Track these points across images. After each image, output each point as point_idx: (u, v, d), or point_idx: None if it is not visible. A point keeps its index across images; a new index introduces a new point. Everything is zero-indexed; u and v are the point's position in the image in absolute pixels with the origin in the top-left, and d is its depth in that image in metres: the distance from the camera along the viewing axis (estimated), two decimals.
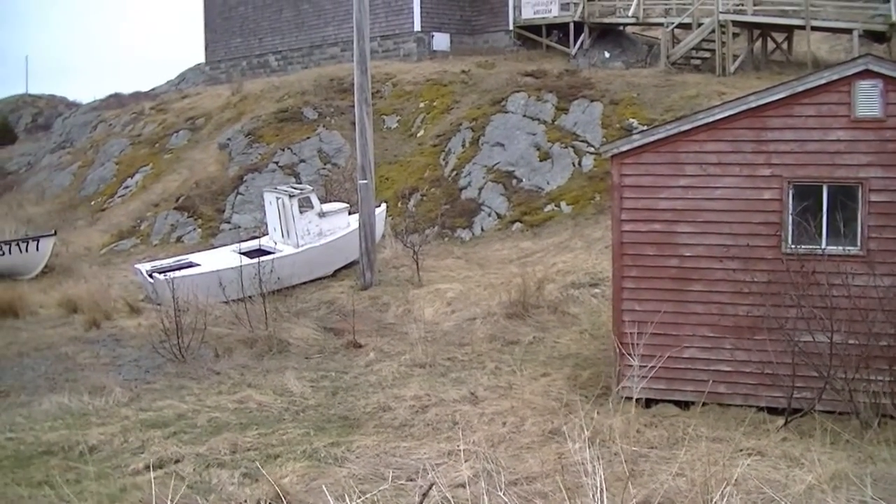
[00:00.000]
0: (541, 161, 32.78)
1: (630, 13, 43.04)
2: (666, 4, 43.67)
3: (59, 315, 24.48)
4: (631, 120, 33.20)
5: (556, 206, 30.55)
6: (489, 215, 31.31)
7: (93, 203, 42.72)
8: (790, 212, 14.21)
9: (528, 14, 46.35)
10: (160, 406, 15.70)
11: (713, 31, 38.00)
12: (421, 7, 46.95)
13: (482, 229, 30.81)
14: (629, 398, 13.20)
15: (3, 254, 30.73)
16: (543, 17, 45.65)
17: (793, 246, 14.08)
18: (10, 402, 16.16)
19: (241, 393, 16.36)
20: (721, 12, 37.59)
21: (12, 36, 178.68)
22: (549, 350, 18.37)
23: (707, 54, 39.48)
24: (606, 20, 44.19)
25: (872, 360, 13.34)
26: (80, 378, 17.85)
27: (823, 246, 13.96)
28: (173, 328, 19.13)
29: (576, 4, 44.14)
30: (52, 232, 33.09)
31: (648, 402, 14.59)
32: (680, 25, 40.41)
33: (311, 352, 19.74)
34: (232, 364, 18.65)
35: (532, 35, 46.40)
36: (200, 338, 19.48)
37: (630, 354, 13.46)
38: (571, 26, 44.00)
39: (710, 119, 14.52)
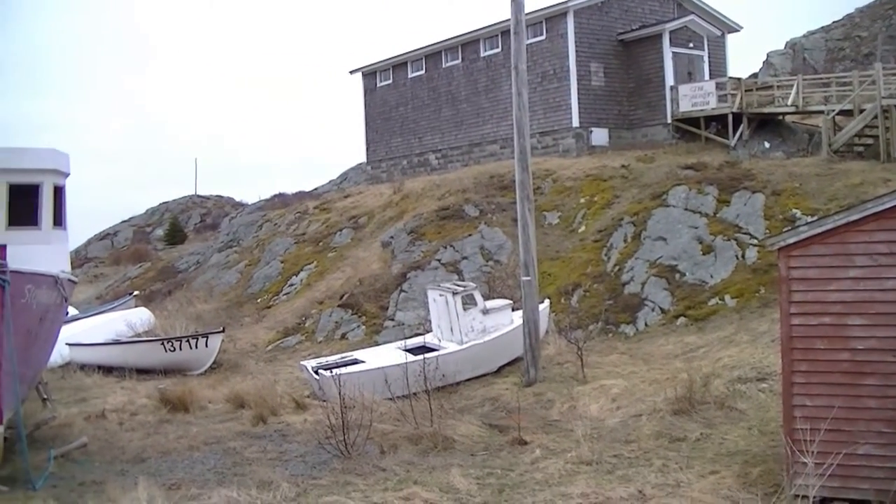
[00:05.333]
0: (703, 254, 32.48)
1: (789, 102, 42.68)
2: (825, 91, 43.20)
3: (227, 410, 24.88)
4: (794, 210, 32.73)
5: (720, 299, 30.15)
6: (653, 310, 31.06)
7: (259, 300, 43.72)
8: None
9: (685, 107, 46.35)
10: (327, 502, 15.72)
11: (876, 116, 37.35)
12: (579, 103, 47.40)
13: (646, 324, 30.56)
14: (802, 496, 12.87)
15: (175, 350, 31.66)
16: (701, 110, 45.59)
17: None
18: (181, 494, 16.39)
19: (406, 489, 16.32)
20: (883, 97, 37.00)
21: (182, 141, 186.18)
22: (717, 447, 18.01)
23: (870, 141, 38.81)
24: (765, 110, 43.90)
25: None
26: (247, 472, 18.06)
27: None
28: (339, 424, 19.12)
29: (733, 95, 44.00)
30: (221, 329, 33.93)
31: (821, 501, 14.20)
32: (841, 112, 39.84)
33: (476, 449, 19.64)
34: (397, 460, 18.63)
35: (690, 127, 46.35)
36: (366, 434, 19.50)
37: (803, 451, 13.15)
38: (730, 117, 43.85)
39: (880, 208, 14.18)
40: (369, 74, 63.00)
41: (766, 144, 42.97)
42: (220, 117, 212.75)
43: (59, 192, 21.61)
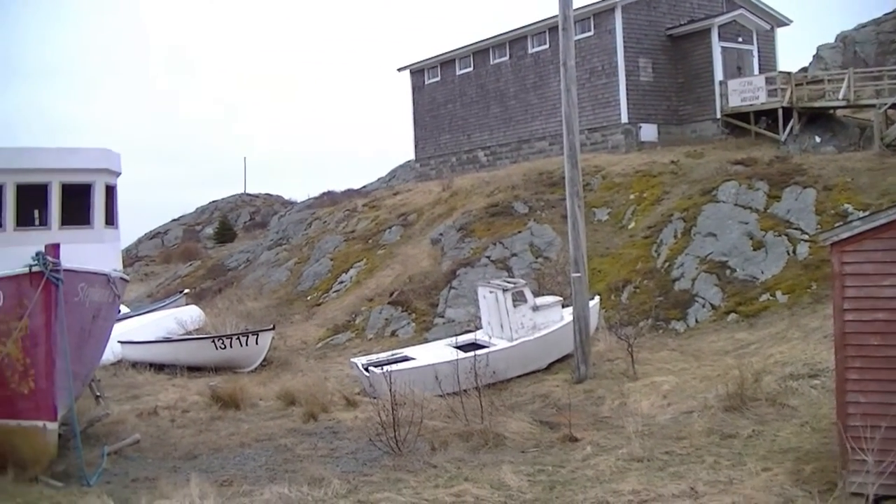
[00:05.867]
0: (754, 250, 32.26)
1: (840, 96, 42.29)
2: (877, 85, 42.67)
3: (278, 407, 25.03)
4: (846, 205, 32.44)
5: (771, 295, 29.94)
6: (703, 306, 30.89)
7: (309, 298, 43.91)
8: None
9: (735, 102, 46.04)
10: (378, 499, 15.76)
11: None
12: (628, 99, 47.23)
13: (696, 320, 30.39)
14: (857, 494, 12.74)
15: (225, 347, 31.89)
16: (751, 105, 45.27)
17: None
18: (233, 491, 16.49)
19: (457, 486, 16.29)
20: None
21: (231, 139, 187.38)
22: (769, 444, 17.88)
23: None
24: (816, 104, 43.48)
25: None
26: (299, 469, 18.11)
27: None
28: (390, 421, 19.15)
29: (783, 90, 43.65)
30: (271, 326, 34.16)
31: (878, 499, 14.05)
32: (893, 106, 39.37)
33: (526, 445, 19.60)
34: (448, 457, 18.61)
35: (740, 122, 46.04)
36: (416, 431, 19.50)
37: (859, 449, 13.01)
38: (780, 112, 43.49)
39: None
40: (417, 72, 63.08)
41: (817, 139, 42.60)
42: (268, 117, 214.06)
43: (111, 192, 21.74)
